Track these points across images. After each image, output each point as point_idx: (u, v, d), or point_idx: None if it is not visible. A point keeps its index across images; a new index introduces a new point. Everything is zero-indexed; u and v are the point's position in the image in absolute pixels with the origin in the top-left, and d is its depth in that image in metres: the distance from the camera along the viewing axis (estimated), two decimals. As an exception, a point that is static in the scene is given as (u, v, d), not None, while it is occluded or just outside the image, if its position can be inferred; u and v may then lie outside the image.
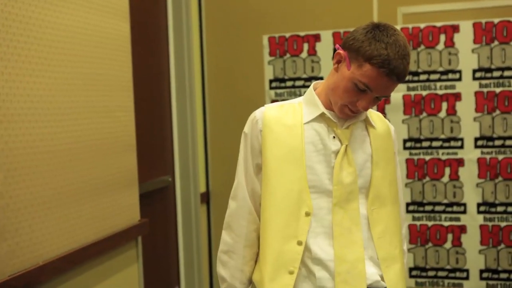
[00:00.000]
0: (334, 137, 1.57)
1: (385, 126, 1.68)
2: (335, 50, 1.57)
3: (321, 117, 1.59)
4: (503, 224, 3.27)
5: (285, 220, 1.54)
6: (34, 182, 1.91)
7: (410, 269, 3.39)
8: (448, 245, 3.36)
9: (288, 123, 1.59)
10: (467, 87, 3.29)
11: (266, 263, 1.56)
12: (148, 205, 3.01)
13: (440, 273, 3.38)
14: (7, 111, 1.79)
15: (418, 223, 3.38)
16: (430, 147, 3.36)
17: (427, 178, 3.37)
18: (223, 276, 1.68)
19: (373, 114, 1.68)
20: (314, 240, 1.53)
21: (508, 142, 3.24)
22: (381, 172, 1.60)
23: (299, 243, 1.53)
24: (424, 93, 3.34)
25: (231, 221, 1.66)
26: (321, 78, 3.46)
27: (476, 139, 3.29)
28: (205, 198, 3.73)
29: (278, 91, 3.56)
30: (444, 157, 3.34)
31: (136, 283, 2.64)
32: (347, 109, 1.54)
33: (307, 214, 1.53)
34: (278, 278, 1.54)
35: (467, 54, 3.27)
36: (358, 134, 1.61)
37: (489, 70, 3.24)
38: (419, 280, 3.42)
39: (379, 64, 1.44)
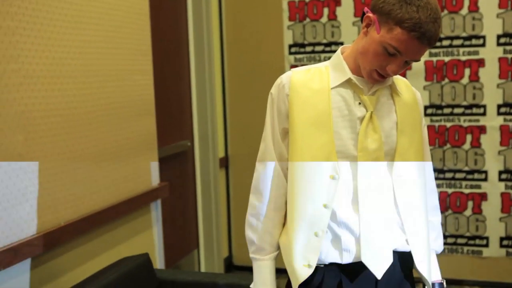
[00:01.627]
0: (359, 103, 1.55)
1: (412, 94, 1.66)
2: (363, 13, 1.53)
3: (347, 83, 1.57)
4: (524, 192, 3.24)
5: (312, 184, 1.54)
6: (55, 144, 1.93)
7: (429, 236, 3.39)
8: (468, 212, 3.34)
9: (315, 87, 1.57)
10: (491, 53, 3.22)
11: (293, 226, 1.57)
12: (168, 169, 3.02)
13: (460, 240, 3.38)
14: (26, 72, 1.80)
15: (438, 190, 3.35)
16: (451, 113, 3.31)
17: (448, 145, 3.33)
18: (251, 239, 1.67)
19: (400, 81, 1.65)
20: (339, 204, 1.53)
21: (531, 109, 3.19)
22: (407, 140, 1.58)
23: (326, 206, 1.53)
24: (446, 59, 3.29)
25: (259, 184, 1.65)
26: (341, 43, 3.42)
27: (499, 106, 3.24)
28: (224, 162, 3.74)
29: (298, 56, 3.53)
30: (465, 124, 3.29)
31: (155, 246, 2.67)
32: (375, 73, 1.51)
33: (334, 178, 1.53)
34: (305, 241, 1.54)
35: (491, 19, 3.20)
36: (384, 101, 1.59)
37: (514, 35, 3.18)
38: (438, 247, 3.41)
39: (410, 28, 1.40)
